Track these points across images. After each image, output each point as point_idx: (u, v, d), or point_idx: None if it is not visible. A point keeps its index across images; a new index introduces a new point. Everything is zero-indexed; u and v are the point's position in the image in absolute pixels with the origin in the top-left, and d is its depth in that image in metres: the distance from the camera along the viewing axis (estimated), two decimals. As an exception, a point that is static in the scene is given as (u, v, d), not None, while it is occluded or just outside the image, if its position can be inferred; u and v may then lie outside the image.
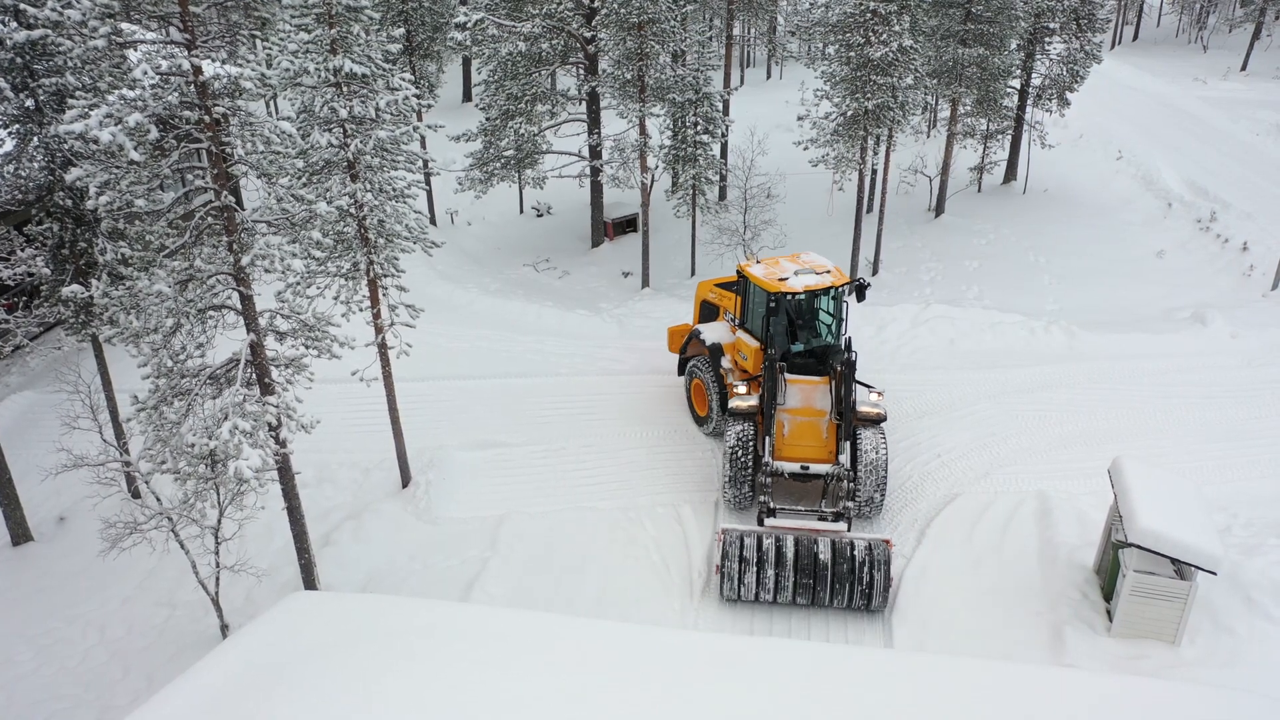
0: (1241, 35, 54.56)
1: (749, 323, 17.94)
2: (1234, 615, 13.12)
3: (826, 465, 15.54)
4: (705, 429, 18.87)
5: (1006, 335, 21.94)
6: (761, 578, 14.10)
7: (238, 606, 14.79)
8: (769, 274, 17.23)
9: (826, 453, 15.85)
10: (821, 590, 14.06)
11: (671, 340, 20.77)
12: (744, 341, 17.77)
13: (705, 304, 20.29)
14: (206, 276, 11.97)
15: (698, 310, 20.63)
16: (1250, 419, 18.43)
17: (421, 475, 17.54)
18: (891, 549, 14.35)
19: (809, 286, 16.87)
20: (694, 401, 19.23)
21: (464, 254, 29.63)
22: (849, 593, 14.02)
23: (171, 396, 12.24)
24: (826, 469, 15.49)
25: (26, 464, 17.65)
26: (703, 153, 25.21)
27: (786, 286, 16.79)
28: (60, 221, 15.38)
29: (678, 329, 20.74)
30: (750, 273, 17.55)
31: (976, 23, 26.82)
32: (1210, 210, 28.49)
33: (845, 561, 14.01)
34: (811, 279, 17.01)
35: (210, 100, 11.27)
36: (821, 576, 14.01)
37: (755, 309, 17.68)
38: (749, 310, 17.92)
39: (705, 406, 18.78)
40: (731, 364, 18.14)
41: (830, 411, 16.23)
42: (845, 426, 15.73)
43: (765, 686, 9.62)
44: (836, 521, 14.81)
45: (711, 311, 20.01)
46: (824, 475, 15.54)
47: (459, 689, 9.44)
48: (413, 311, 15.62)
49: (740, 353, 17.88)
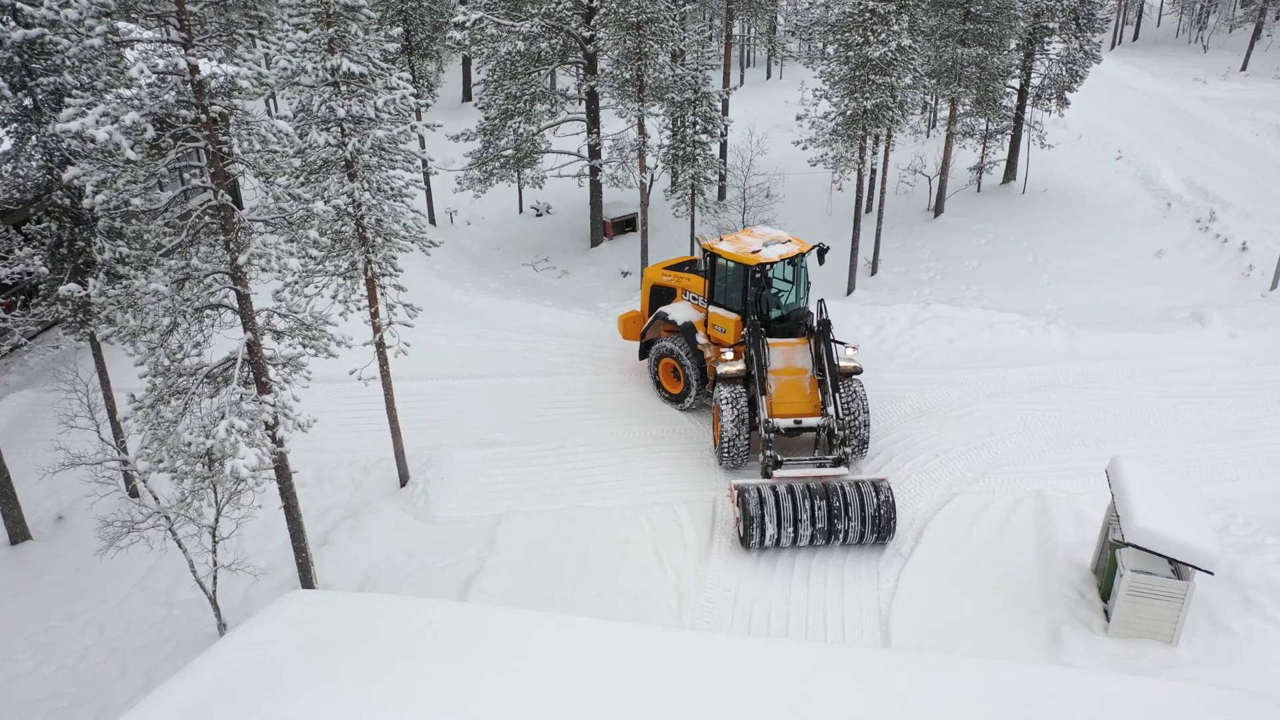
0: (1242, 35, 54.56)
1: (721, 297, 18.84)
2: (1231, 615, 13.13)
3: (816, 418, 16.78)
4: (681, 405, 19.61)
5: (1005, 335, 21.95)
6: (783, 523, 15.05)
7: (235, 605, 14.80)
8: (741, 249, 18.18)
9: (812, 407, 17.11)
10: (840, 526, 15.10)
11: (625, 328, 21.51)
12: (720, 315, 18.79)
13: (657, 288, 20.97)
14: (203, 275, 11.97)
15: (647, 296, 21.23)
16: (1248, 418, 18.44)
17: (420, 474, 17.54)
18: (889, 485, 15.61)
19: (782, 255, 18.12)
20: (664, 381, 19.94)
21: (463, 253, 29.63)
22: (864, 527, 15.13)
23: (168, 395, 12.23)
24: (817, 421, 16.73)
25: (25, 463, 17.65)
26: (702, 152, 25.20)
27: (763, 258, 17.87)
28: (58, 220, 15.36)
29: (630, 316, 21.59)
30: (721, 250, 18.40)
31: (976, 22, 26.80)
32: (1210, 210, 28.49)
33: (859, 499, 15.14)
34: (781, 249, 18.23)
35: (207, 99, 11.26)
36: (838, 515, 15.08)
37: (730, 283, 18.56)
38: (721, 286, 18.79)
39: (679, 384, 19.56)
40: (706, 339, 19.06)
41: (811, 369, 17.56)
42: (830, 380, 16.96)
43: (763, 686, 9.62)
44: (837, 466, 16.08)
45: (664, 295, 20.74)
46: (815, 428, 16.76)
47: (456, 688, 9.44)
48: (411, 311, 15.62)
49: (717, 326, 18.90)
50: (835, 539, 15.25)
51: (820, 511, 15.09)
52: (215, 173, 11.69)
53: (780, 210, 29.40)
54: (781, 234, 18.90)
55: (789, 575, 14.90)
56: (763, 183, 28.81)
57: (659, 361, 19.83)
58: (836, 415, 16.58)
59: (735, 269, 18.28)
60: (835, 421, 16.48)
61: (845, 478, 15.70)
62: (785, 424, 16.64)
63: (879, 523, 15.11)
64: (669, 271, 20.82)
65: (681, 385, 19.45)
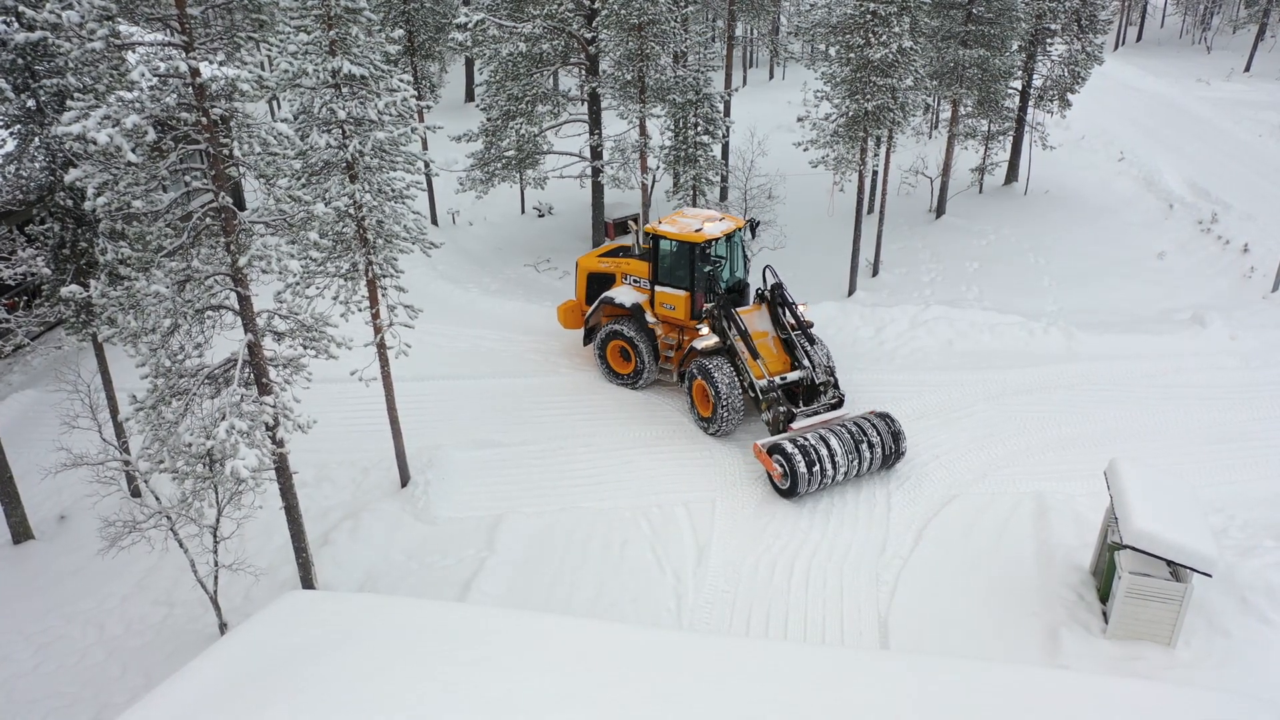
0: (1245, 36, 54.51)
1: (667, 276, 19.60)
2: (1229, 617, 13.13)
3: (798, 372, 18.18)
4: (633, 385, 20.41)
5: (1005, 336, 21.95)
6: (822, 467, 16.12)
7: (236, 605, 14.85)
8: (683, 229, 19.05)
9: (784, 364, 18.49)
10: (867, 457, 16.54)
11: (565, 317, 22.20)
12: (668, 294, 19.63)
13: (594, 275, 21.60)
14: (204, 277, 12.02)
15: (583, 284, 21.83)
16: (1248, 421, 18.43)
17: (420, 475, 17.59)
18: None
19: (723, 231, 19.12)
20: (613, 363, 20.68)
21: (464, 254, 29.68)
22: (883, 453, 16.73)
23: (169, 396, 12.28)
24: (798, 375, 18.13)
25: (28, 462, 17.71)
26: (703, 153, 25.23)
27: (706, 235, 18.81)
28: (61, 221, 15.43)
29: (568, 305, 22.32)
30: (665, 231, 19.19)
31: (977, 24, 26.82)
32: (1211, 212, 28.47)
33: (875, 430, 16.74)
34: (720, 225, 19.23)
35: (208, 102, 11.32)
36: (861, 450, 16.47)
37: (675, 262, 19.35)
38: (666, 265, 19.53)
39: (629, 364, 20.36)
40: (655, 318, 19.91)
41: (771, 330, 18.99)
42: (804, 336, 18.60)
43: (762, 688, 9.65)
44: (840, 408, 17.74)
45: (601, 281, 21.44)
46: (798, 381, 18.13)
47: (455, 688, 9.48)
48: (412, 312, 15.67)
49: (665, 304, 19.74)
50: (861, 470, 16.63)
51: (848, 448, 16.33)
52: (216, 175, 11.74)
53: (781, 211, 29.41)
54: (714, 212, 19.90)
55: (788, 577, 14.92)
56: (764, 184, 28.82)
57: (605, 345, 20.52)
58: (813, 365, 18.04)
59: (680, 248, 19.07)
60: (814, 371, 17.97)
61: (849, 416, 17.30)
62: (766, 382, 17.72)
63: (896, 447, 16.87)
64: (604, 259, 21.51)
65: (633, 366, 20.20)
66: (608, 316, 20.81)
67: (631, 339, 19.88)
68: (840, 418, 17.32)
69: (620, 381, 20.61)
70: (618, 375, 20.64)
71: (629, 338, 19.92)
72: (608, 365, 20.72)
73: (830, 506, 16.42)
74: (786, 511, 16.40)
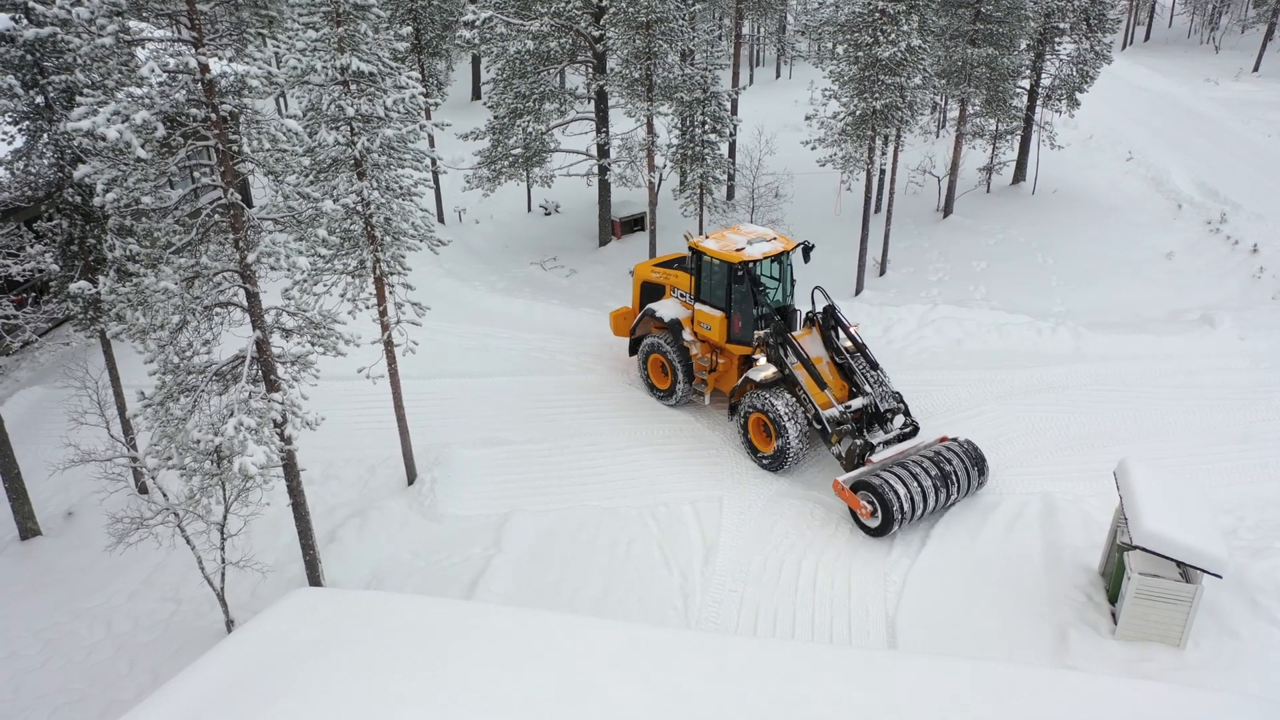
0: (1254, 36, 54.29)
1: (707, 295, 18.84)
2: (1239, 619, 13.07)
3: (860, 400, 17.16)
4: (668, 401, 19.79)
5: (1013, 336, 21.89)
6: (914, 503, 15.24)
7: (243, 602, 14.87)
8: (725, 247, 18.15)
9: (842, 391, 17.58)
10: (955, 487, 15.74)
11: (616, 324, 21.62)
12: (705, 313, 18.83)
13: (647, 285, 20.97)
14: (213, 273, 12.02)
15: (638, 292, 21.20)
16: (1257, 421, 18.34)
17: (427, 473, 17.59)
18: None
19: (766, 253, 18.03)
20: (653, 376, 20.02)
21: (471, 252, 29.68)
22: (970, 482, 15.98)
23: (178, 393, 12.29)
24: (861, 402, 17.10)
25: (36, 459, 17.74)
26: (710, 152, 25.19)
27: (747, 255, 17.80)
28: (69, 218, 15.45)
29: (621, 312, 21.68)
30: (706, 248, 18.34)
31: (986, 22, 26.73)
32: (1220, 212, 28.34)
33: (965, 459, 15.99)
34: (765, 246, 18.16)
35: (217, 98, 11.31)
36: (949, 478, 15.65)
37: (715, 281, 18.55)
38: (707, 283, 18.79)
39: (667, 379, 19.68)
40: (692, 336, 19.12)
41: (825, 356, 17.93)
42: (865, 360, 17.51)
43: (769, 687, 9.63)
44: (914, 436, 16.87)
45: (654, 292, 20.75)
46: (862, 409, 17.08)
47: (461, 686, 9.47)
48: (419, 309, 15.66)
49: (702, 324, 18.92)
50: (948, 502, 15.81)
51: (935, 481, 15.53)
52: (225, 171, 11.74)
53: (788, 210, 29.36)
54: (767, 231, 18.88)
55: (795, 576, 14.89)
56: (771, 182, 28.77)
57: (647, 357, 19.96)
58: (874, 390, 17.12)
59: (720, 267, 18.25)
60: (877, 397, 17.03)
61: (925, 444, 16.48)
62: (836, 412, 16.77)
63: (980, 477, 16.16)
64: (659, 268, 20.87)
65: (670, 381, 19.58)
66: (654, 329, 20.03)
67: (667, 354, 19.19)
68: (917, 447, 16.51)
69: (656, 396, 20.04)
70: (654, 389, 20.04)
71: (665, 352, 19.23)
72: (647, 378, 20.13)
73: (838, 507, 16.38)
74: (795, 511, 16.37)
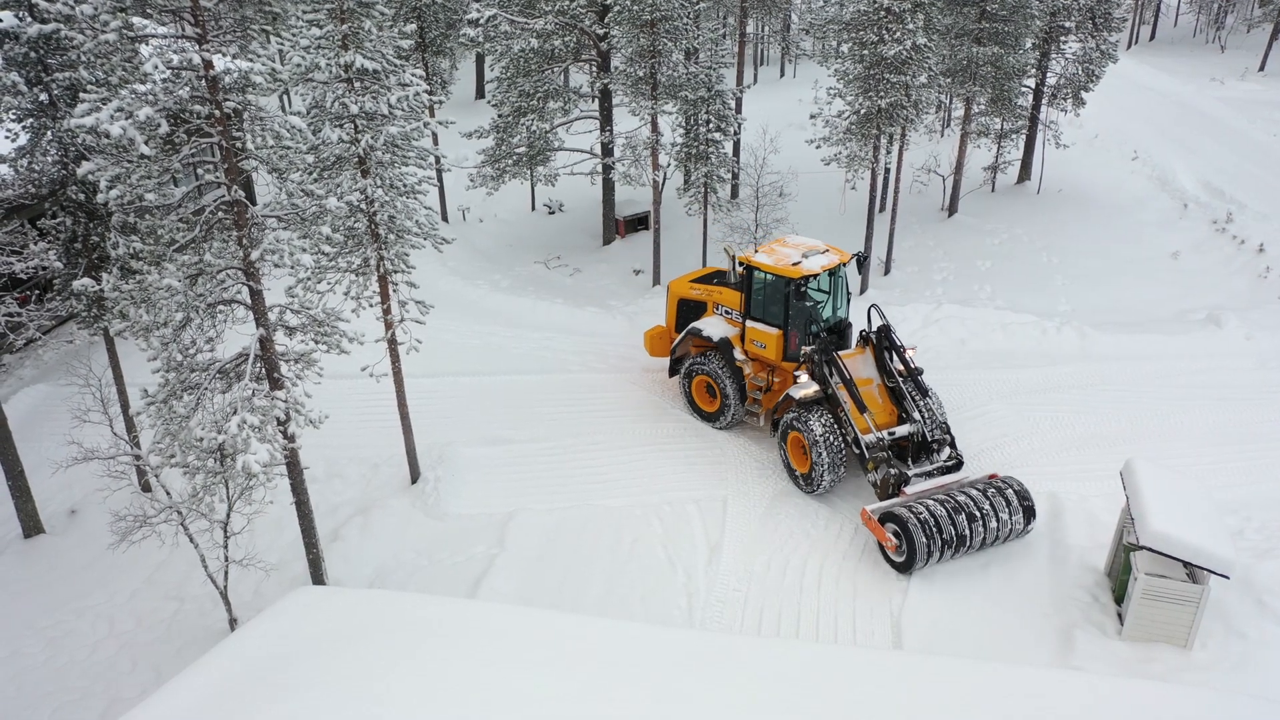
0: (1260, 35, 54.10)
1: (760, 311, 17.97)
2: (1245, 619, 13.02)
3: (906, 427, 16.12)
4: (718, 424, 18.73)
5: (1018, 336, 21.81)
6: (943, 540, 14.25)
7: (246, 601, 14.84)
8: (780, 261, 17.27)
9: (890, 416, 16.45)
10: (993, 530, 14.53)
11: (652, 344, 20.48)
12: (760, 331, 17.92)
13: (684, 302, 19.97)
14: (216, 271, 12.00)
15: (673, 310, 20.24)
16: (1264, 421, 18.27)
17: (430, 471, 17.56)
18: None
19: (824, 266, 17.22)
20: (698, 399, 19.00)
21: (475, 250, 29.65)
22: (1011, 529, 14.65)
23: (181, 390, 12.26)
24: (908, 430, 16.08)
25: (39, 456, 17.71)
26: (715, 150, 25.13)
27: (805, 270, 16.99)
28: (73, 215, 15.42)
29: (656, 331, 20.58)
30: (760, 263, 17.47)
31: (991, 21, 26.65)
32: (1226, 211, 28.26)
33: (1007, 503, 14.64)
34: (821, 259, 17.34)
35: (221, 95, 11.28)
36: (986, 520, 14.45)
37: (769, 297, 17.67)
38: (759, 300, 17.90)
39: (715, 401, 18.66)
40: (744, 355, 18.17)
41: (876, 377, 16.85)
42: (916, 385, 16.50)
43: (773, 687, 9.60)
44: (958, 470, 15.78)
45: (692, 309, 19.77)
46: (908, 436, 16.08)
47: (464, 685, 9.45)
48: (423, 308, 15.63)
49: (756, 342, 18.03)
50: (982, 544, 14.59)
51: (971, 520, 14.37)
52: (229, 168, 11.71)
53: (793, 209, 29.26)
54: (818, 243, 17.98)
55: (800, 576, 14.84)
56: (776, 181, 28.67)
57: (692, 379, 18.89)
58: (923, 418, 16.10)
59: (775, 282, 17.41)
60: (925, 426, 15.99)
61: (968, 480, 15.32)
62: (874, 438, 15.79)
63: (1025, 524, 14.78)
64: (697, 285, 19.83)
65: (717, 404, 18.58)
66: (696, 348, 19.14)
67: (717, 375, 18.16)
68: (959, 482, 15.40)
69: (703, 419, 18.97)
70: (701, 412, 18.95)
71: (714, 373, 18.20)
72: (692, 400, 19.06)
73: (842, 507, 16.33)
74: (799, 511, 16.32)
